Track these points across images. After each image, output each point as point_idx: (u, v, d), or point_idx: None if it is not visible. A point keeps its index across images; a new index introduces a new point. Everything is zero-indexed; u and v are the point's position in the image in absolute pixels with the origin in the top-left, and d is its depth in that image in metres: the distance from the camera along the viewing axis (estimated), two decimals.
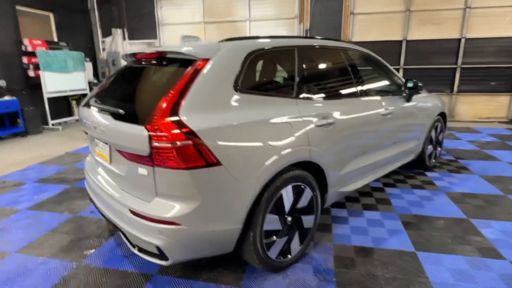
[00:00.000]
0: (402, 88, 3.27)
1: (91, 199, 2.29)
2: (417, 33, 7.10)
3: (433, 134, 3.88)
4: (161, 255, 1.71)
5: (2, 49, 6.52)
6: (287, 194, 2.00)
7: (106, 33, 9.05)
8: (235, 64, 1.85)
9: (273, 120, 1.88)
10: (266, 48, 2.06)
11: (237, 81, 1.83)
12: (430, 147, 3.92)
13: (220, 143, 1.64)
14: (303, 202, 2.14)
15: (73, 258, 2.32)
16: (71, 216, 2.96)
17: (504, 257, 2.24)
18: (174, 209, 1.64)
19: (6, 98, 6.31)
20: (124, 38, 9.00)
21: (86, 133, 2.28)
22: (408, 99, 3.26)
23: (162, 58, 2.01)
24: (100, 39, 9.11)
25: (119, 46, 9.02)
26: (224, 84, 1.78)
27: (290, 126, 1.97)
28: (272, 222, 1.95)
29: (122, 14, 8.82)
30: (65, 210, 3.10)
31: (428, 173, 3.93)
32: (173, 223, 1.63)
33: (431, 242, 2.45)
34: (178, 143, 1.53)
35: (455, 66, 7.09)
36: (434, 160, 4.11)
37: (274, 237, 2.00)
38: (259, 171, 1.77)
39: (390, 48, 7.28)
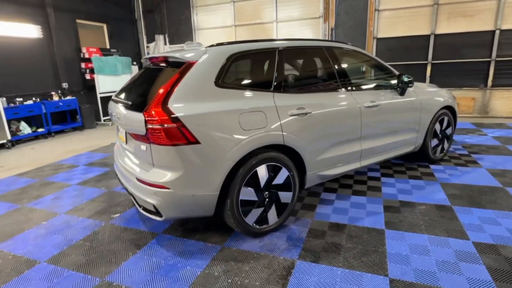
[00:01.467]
0: (395, 83, 3.44)
1: (117, 177, 2.91)
2: (446, 27, 6.88)
3: (437, 127, 3.94)
4: (157, 212, 2.25)
5: (66, 57, 7.76)
6: (262, 172, 2.41)
7: (150, 39, 10.10)
8: (216, 64, 2.31)
9: (247, 110, 2.31)
10: (246, 50, 2.49)
11: (218, 78, 2.29)
12: (434, 141, 3.99)
13: (199, 126, 2.12)
14: (279, 180, 2.53)
15: (103, 219, 2.98)
16: (106, 191, 3.68)
17: (469, 238, 2.40)
18: (164, 176, 2.16)
19: (68, 98, 7.52)
20: (165, 43, 9.96)
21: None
22: (402, 93, 3.43)
23: (165, 61, 2.55)
24: (145, 44, 10.19)
25: (161, 51, 10.00)
26: (206, 81, 2.25)
27: (264, 115, 2.38)
28: (247, 193, 2.37)
29: (164, 21, 9.79)
30: (102, 186, 3.84)
31: (432, 166, 4.01)
32: (163, 187, 2.15)
33: (403, 222, 2.67)
34: (165, 125, 2.04)
35: (489, 59, 6.73)
36: (440, 154, 4.15)
37: (251, 207, 2.42)
38: (232, 150, 2.21)
39: (417, 43, 7.16)
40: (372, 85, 3.39)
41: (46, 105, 6.89)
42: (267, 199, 2.50)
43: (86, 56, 8.08)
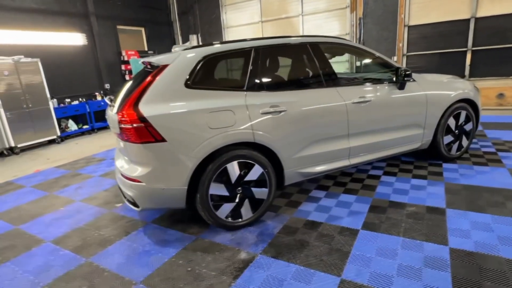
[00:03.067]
0: (392, 76, 3.25)
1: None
2: (490, 9, 6.11)
3: (451, 122, 3.61)
4: (134, 203, 2.49)
5: (108, 60, 8.58)
6: (232, 168, 2.51)
7: (185, 39, 10.62)
8: (187, 67, 2.46)
9: (215, 109, 2.42)
10: (219, 52, 2.59)
11: (188, 79, 2.44)
12: (448, 137, 3.66)
13: (166, 125, 2.29)
14: (252, 176, 2.61)
15: (108, 207, 3.35)
16: None
17: (447, 244, 2.23)
18: (137, 171, 2.38)
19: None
20: (198, 43, 10.40)
21: None
22: (401, 87, 3.22)
23: (150, 65, 2.76)
24: (181, 45, 10.75)
25: None
26: (176, 83, 2.41)
27: (233, 114, 2.47)
28: (217, 189, 2.49)
29: (197, 22, 10.22)
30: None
31: (445, 165, 3.69)
32: (137, 180, 2.38)
33: (384, 223, 2.56)
34: (134, 125, 2.25)
35: None
36: (457, 152, 3.79)
37: (222, 201, 2.54)
38: (197, 148, 2.35)
39: (454, 29, 6.48)
40: (364, 80, 3.24)
41: (90, 105, 7.74)
42: (239, 195, 2.60)
43: (126, 58, 8.84)
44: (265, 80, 2.71)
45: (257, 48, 2.72)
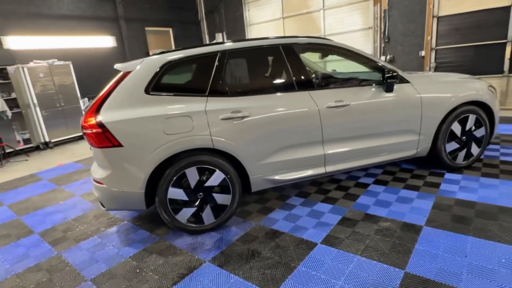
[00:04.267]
0: (378, 78, 2.97)
1: None
2: None
3: (456, 128, 3.22)
4: (101, 203, 2.63)
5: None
6: (191, 174, 2.52)
7: (212, 38, 10.82)
8: (148, 73, 2.50)
9: (172, 115, 2.44)
10: (182, 57, 2.59)
11: (149, 86, 2.49)
12: (452, 144, 3.28)
13: (122, 131, 2.37)
14: (213, 182, 2.59)
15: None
16: None
17: (405, 268, 2.01)
18: (100, 173, 2.51)
19: None
20: (223, 40, 10.53)
21: None
22: (388, 90, 2.94)
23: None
24: (208, 43, 10.97)
25: None
26: (137, 89, 2.47)
27: (190, 119, 2.47)
28: (176, 193, 2.53)
29: (222, 20, 10.34)
30: None
31: (448, 175, 3.31)
32: (100, 182, 2.50)
33: (347, 239, 2.38)
34: (94, 130, 2.37)
35: None
36: (465, 160, 3.38)
37: (181, 206, 2.57)
38: (153, 154, 2.39)
39: (491, 19, 5.71)
40: (343, 83, 3.01)
41: None
42: (200, 200, 2.61)
43: None
44: (228, 84, 2.66)
45: (223, 52, 2.68)
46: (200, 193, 2.60)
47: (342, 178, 3.53)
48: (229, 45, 2.73)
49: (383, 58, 7.13)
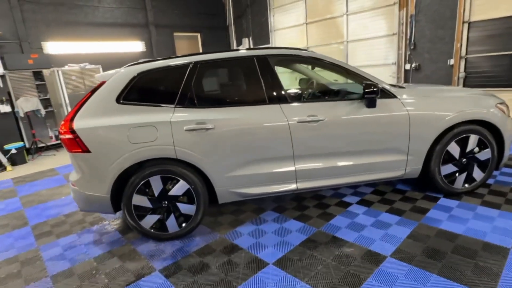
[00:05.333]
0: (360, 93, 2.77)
1: None
2: None
3: (453, 149, 2.91)
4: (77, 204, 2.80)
5: None
6: (155, 182, 2.58)
7: (239, 43, 10.97)
8: (120, 83, 2.61)
9: (138, 124, 2.51)
10: (153, 68, 2.66)
11: (120, 95, 2.59)
12: (449, 167, 2.96)
13: (91, 138, 2.49)
14: (177, 192, 2.63)
15: None
16: None
17: None
18: (73, 176, 2.67)
19: None
20: (249, 46, 10.62)
21: None
22: (370, 105, 2.74)
23: None
24: (235, 48, 11.15)
25: None
26: (108, 98, 2.59)
27: (155, 129, 2.53)
28: (140, 200, 2.60)
29: (249, 25, 10.43)
30: None
31: (443, 200, 2.99)
32: (73, 184, 2.67)
33: (300, 262, 2.26)
34: (67, 136, 2.53)
35: None
36: (465, 185, 3.03)
37: (145, 213, 2.63)
38: (117, 161, 2.49)
39: None
40: (320, 96, 2.86)
41: None
42: (164, 208, 2.65)
43: None
44: (197, 96, 2.67)
45: (194, 64, 2.71)
46: (165, 202, 2.65)
47: (326, 195, 3.36)
48: (200, 56, 2.75)
49: (408, 66, 6.67)
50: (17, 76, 6.55)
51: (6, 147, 5.99)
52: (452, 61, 6.05)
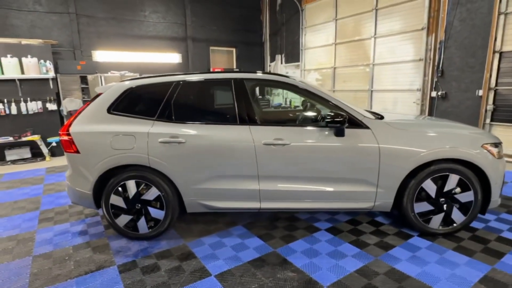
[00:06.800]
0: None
1: None
2: None
3: (429, 186, 2.79)
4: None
5: None
6: (130, 186, 2.88)
7: (273, 59, 11.27)
8: (112, 96, 2.98)
9: (120, 132, 2.85)
10: (142, 84, 3.00)
11: (111, 106, 2.96)
12: (423, 205, 2.83)
13: (81, 141, 2.89)
14: (148, 196, 2.90)
15: None
16: None
17: None
18: (67, 173, 3.08)
19: None
20: (281, 62, 10.85)
21: None
22: (338, 134, 2.76)
23: None
24: (268, 64, 11.47)
25: (278, 69, 10.99)
26: (101, 108, 2.97)
27: (134, 138, 2.84)
28: (116, 200, 2.91)
29: (283, 43, 10.69)
30: None
31: (416, 239, 2.86)
32: (67, 180, 3.08)
33: (242, 278, 2.36)
34: (64, 137, 2.96)
35: None
36: (442, 226, 2.86)
37: (120, 212, 2.94)
38: (99, 163, 2.84)
39: None
40: (290, 121, 2.93)
41: None
42: (136, 210, 2.93)
43: None
44: (175, 111, 2.93)
45: (177, 83, 2.99)
46: (138, 204, 2.93)
47: (301, 218, 3.39)
48: (184, 76, 3.03)
49: (434, 93, 6.34)
50: (66, 79, 7.52)
51: (49, 140, 6.89)
52: (480, 92, 5.64)
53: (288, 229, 3.14)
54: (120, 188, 2.90)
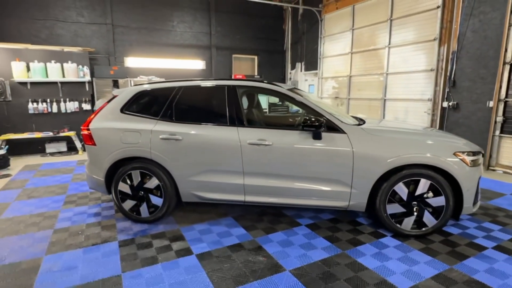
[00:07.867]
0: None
1: None
2: None
3: (401, 190, 2.97)
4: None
5: None
6: (135, 175, 3.37)
7: (293, 67, 11.58)
8: (125, 98, 3.51)
9: (128, 129, 3.34)
10: (150, 89, 3.49)
11: (124, 107, 3.49)
12: (395, 206, 3.02)
13: (98, 135, 3.43)
14: (150, 185, 3.36)
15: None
16: None
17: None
18: (86, 162, 3.65)
19: None
20: (301, 70, 11.13)
21: None
22: (315, 137, 3.04)
23: None
24: (289, 71, 11.79)
25: (298, 76, 11.28)
26: (116, 108, 3.50)
27: (139, 134, 3.32)
28: (123, 187, 3.41)
29: (303, 51, 10.98)
30: None
31: (388, 239, 3.05)
32: (86, 169, 3.64)
33: (216, 259, 2.72)
34: (85, 132, 3.52)
35: None
36: (415, 229, 3.03)
37: (126, 197, 3.43)
38: (111, 155, 3.35)
39: None
40: (273, 124, 3.24)
41: None
42: (140, 197, 3.40)
43: None
44: (175, 113, 3.38)
45: (179, 88, 3.45)
46: (141, 192, 3.41)
47: (287, 214, 3.68)
48: (186, 82, 3.48)
49: (445, 104, 6.32)
50: (101, 83, 8.39)
51: None
52: (491, 103, 5.56)
53: (272, 223, 3.45)
54: (127, 177, 3.39)
